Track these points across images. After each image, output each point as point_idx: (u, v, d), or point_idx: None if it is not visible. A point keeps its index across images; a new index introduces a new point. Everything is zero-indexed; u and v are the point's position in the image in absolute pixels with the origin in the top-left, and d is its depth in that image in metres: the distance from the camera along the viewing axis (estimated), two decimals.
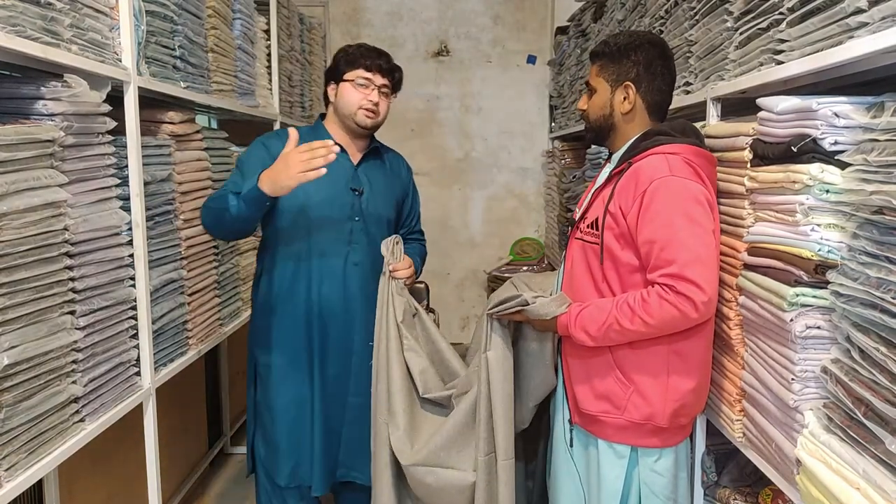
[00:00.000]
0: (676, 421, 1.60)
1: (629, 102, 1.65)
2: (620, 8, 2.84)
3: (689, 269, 1.45)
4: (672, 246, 1.47)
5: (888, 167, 1.05)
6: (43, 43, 1.36)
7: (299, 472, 2.09)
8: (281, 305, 2.06)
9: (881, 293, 1.04)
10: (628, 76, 1.64)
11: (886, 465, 1.03)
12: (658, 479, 1.63)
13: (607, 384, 1.61)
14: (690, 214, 1.48)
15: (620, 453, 1.63)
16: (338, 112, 2.08)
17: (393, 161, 2.23)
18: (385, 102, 2.08)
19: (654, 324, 1.49)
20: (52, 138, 1.37)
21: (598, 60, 1.70)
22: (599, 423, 1.63)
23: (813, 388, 1.29)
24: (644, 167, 1.54)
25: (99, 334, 1.57)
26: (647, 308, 1.48)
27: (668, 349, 1.56)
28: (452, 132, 4.84)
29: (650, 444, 1.62)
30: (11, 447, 1.29)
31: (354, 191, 2.06)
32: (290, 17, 3.61)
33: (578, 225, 1.71)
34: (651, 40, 1.67)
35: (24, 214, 1.30)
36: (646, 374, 1.57)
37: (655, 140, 1.58)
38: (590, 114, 1.73)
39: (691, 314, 1.46)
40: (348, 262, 2.04)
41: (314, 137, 1.92)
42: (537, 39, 4.81)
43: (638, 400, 1.58)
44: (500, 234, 4.88)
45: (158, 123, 2.00)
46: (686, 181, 1.50)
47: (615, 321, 1.52)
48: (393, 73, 2.08)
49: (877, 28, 1.09)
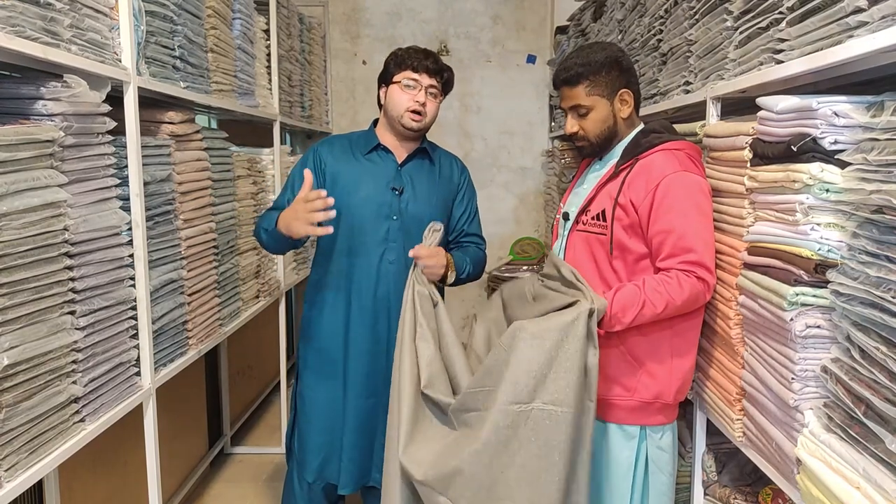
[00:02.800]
0: (678, 397, 1.74)
1: (628, 107, 1.76)
2: (620, 7, 2.84)
3: (704, 256, 1.60)
4: (689, 236, 1.60)
5: (888, 166, 1.05)
6: (42, 43, 1.35)
7: (327, 469, 2.10)
8: (320, 300, 2.11)
9: (881, 292, 1.04)
10: (621, 84, 1.74)
11: (886, 464, 1.03)
12: (662, 455, 1.75)
13: (618, 368, 1.70)
14: (701, 207, 1.63)
15: (630, 434, 1.73)
16: (387, 115, 2.09)
17: (444, 162, 2.19)
18: (433, 103, 2.07)
19: (680, 305, 1.60)
20: (51, 138, 1.37)
21: (584, 81, 1.73)
22: (611, 406, 1.72)
23: (813, 388, 1.29)
24: (655, 163, 1.66)
25: (99, 334, 1.57)
26: (674, 291, 1.59)
27: (671, 331, 1.68)
28: (452, 132, 4.83)
29: (657, 422, 1.73)
30: (11, 447, 1.29)
31: (395, 190, 2.06)
32: (290, 17, 3.61)
33: (580, 217, 1.78)
34: (617, 48, 1.79)
35: (23, 215, 1.30)
36: (653, 355, 1.69)
37: (655, 138, 1.71)
38: (589, 132, 1.77)
39: (706, 296, 1.63)
40: (384, 261, 2.05)
41: (365, 141, 2.11)
42: (537, 39, 4.81)
43: (647, 380, 1.69)
44: (500, 233, 4.88)
45: (158, 123, 2.00)
46: (694, 176, 1.64)
47: (649, 305, 1.59)
48: (441, 73, 2.07)
49: (876, 27, 1.09)
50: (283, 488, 2.26)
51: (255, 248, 2.82)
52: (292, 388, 2.25)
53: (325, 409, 2.10)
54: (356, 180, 2.06)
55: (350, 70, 4.81)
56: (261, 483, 3.17)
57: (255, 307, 2.82)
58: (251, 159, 2.88)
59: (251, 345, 3.91)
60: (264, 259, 2.97)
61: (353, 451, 2.09)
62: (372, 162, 2.10)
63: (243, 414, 3.83)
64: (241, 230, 2.62)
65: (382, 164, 2.09)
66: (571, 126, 1.79)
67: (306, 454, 2.12)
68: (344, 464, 2.09)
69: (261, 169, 2.98)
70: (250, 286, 2.77)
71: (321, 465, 2.11)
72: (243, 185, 2.70)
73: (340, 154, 2.11)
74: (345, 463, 2.09)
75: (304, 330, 2.18)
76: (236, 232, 2.57)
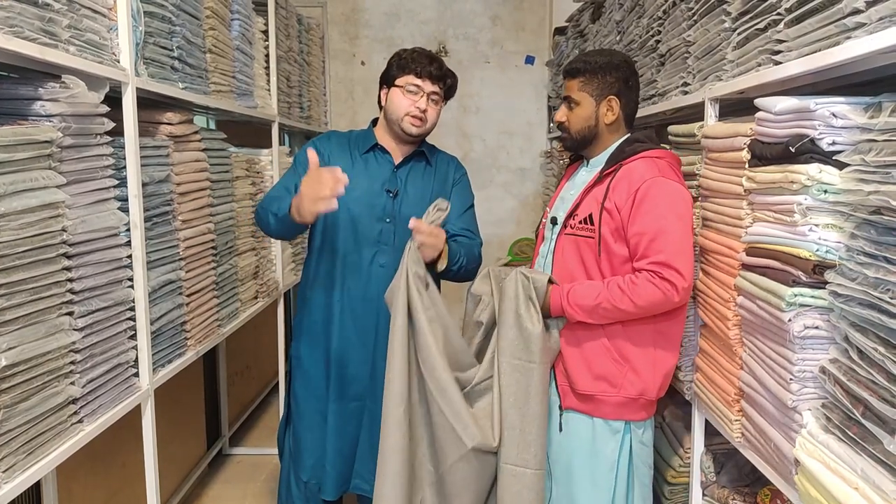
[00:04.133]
0: (660, 393, 1.81)
1: (613, 114, 1.84)
2: (618, 9, 2.84)
3: (674, 258, 1.66)
4: (660, 238, 1.67)
5: (886, 167, 1.05)
6: (41, 44, 1.35)
7: (318, 468, 2.09)
8: (311, 299, 2.11)
9: (879, 293, 1.04)
10: (612, 91, 1.83)
11: (885, 464, 1.03)
12: (643, 450, 1.85)
13: (604, 365, 1.78)
14: (677, 211, 1.69)
15: (615, 429, 1.81)
16: (387, 117, 2.07)
17: (441, 164, 2.17)
18: (434, 110, 2.05)
19: (642, 304, 1.68)
20: (49, 139, 1.37)
21: (580, 76, 1.85)
22: (597, 402, 1.80)
23: (811, 388, 1.30)
24: (636, 168, 1.75)
25: (97, 335, 1.56)
26: (636, 290, 1.68)
27: (653, 329, 1.76)
28: (451, 133, 4.83)
29: (640, 418, 1.82)
30: (9, 448, 1.28)
31: (389, 192, 2.04)
32: (289, 18, 3.60)
33: (568, 221, 1.84)
34: (626, 59, 1.88)
35: (22, 215, 1.30)
36: (638, 352, 1.77)
37: (638, 146, 1.80)
38: (572, 125, 1.88)
39: (674, 297, 1.67)
40: (374, 263, 2.03)
41: (363, 141, 2.10)
42: (535, 40, 4.81)
43: (632, 376, 1.77)
44: (499, 234, 4.88)
45: (156, 124, 2.00)
46: (672, 182, 1.72)
47: (606, 300, 1.70)
48: (444, 79, 2.05)
49: (874, 28, 1.09)
50: (279, 488, 2.24)
51: (254, 248, 2.82)
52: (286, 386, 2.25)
53: (314, 410, 2.09)
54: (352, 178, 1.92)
55: (349, 71, 4.81)
56: (259, 484, 3.16)
57: (254, 308, 2.81)
58: (250, 160, 2.88)
59: (249, 346, 3.91)
60: (263, 260, 2.97)
61: (336, 455, 2.07)
62: (368, 162, 2.08)
63: (242, 415, 3.83)
64: (239, 231, 2.62)
65: (378, 165, 2.07)
66: (561, 115, 1.90)
67: (301, 452, 2.12)
68: (327, 468, 2.07)
69: (259, 170, 2.98)
70: (249, 287, 2.76)
71: (315, 464, 2.10)
72: (242, 185, 2.70)
73: (338, 150, 2.09)
74: (328, 468, 2.07)
75: (296, 328, 2.18)
76: (235, 233, 2.57)
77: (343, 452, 2.07)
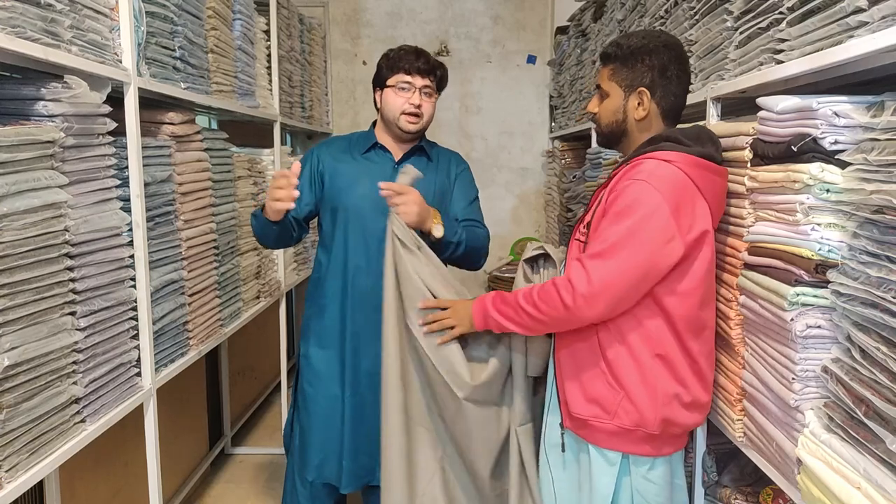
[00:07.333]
0: (668, 430, 1.54)
1: (644, 109, 1.58)
2: (620, 8, 2.83)
3: (592, 261, 1.45)
4: (598, 240, 1.48)
5: (888, 166, 1.05)
6: (43, 44, 1.36)
7: (326, 467, 2.10)
8: (319, 297, 2.13)
9: (882, 292, 1.04)
10: (642, 82, 1.56)
11: (887, 464, 1.03)
12: (651, 487, 1.58)
13: (598, 388, 1.55)
14: (634, 227, 1.44)
15: (611, 460, 1.57)
16: (384, 118, 2.12)
17: (441, 158, 2.20)
18: (429, 103, 2.09)
19: (544, 314, 1.50)
20: (52, 139, 1.37)
21: (610, 63, 1.61)
22: (590, 427, 1.58)
23: (813, 388, 1.29)
24: (630, 169, 1.51)
25: (99, 335, 1.57)
26: (541, 296, 1.50)
27: (652, 354, 1.52)
28: (452, 132, 4.83)
29: (641, 452, 1.56)
30: (12, 448, 1.29)
31: None
32: (290, 18, 3.61)
33: (577, 226, 1.70)
34: (666, 42, 1.58)
35: (24, 215, 1.30)
36: (635, 379, 1.52)
37: (659, 146, 1.52)
38: (601, 118, 1.65)
39: (566, 299, 1.45)
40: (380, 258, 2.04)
41: (364, 141, 2.15)
42: (537, 39, 4.81)
43: (628, 406, 1.52)
44: (501, 234, 4.88)
45: (158, 124, 2.00)
46: (654, 193, 1.43)
47: (518, 302, 1.55)
48: (434, 71, 2.08)
49: (877, 27, 1.09)
50: (284, 487, 2.26)
51: (256, 248, 2.83)
52: (293, 385, 2.25)
53: (326, 407, 2.10)
54: (354, 178, 2.09)
55: (350, 71, 4.81)
56: (261, 484, 3.17)
57: (256, 308, 2.82)
58: (251, 160, 2.88)
59: (252, 345, 3.91)
60: (265, 260, 2.97)
61: (355, 449, 2.09)
62: (369, 160, 2.13)
63: (244, 414, 3.83)
64: (241, 231, 2.63)
65: (380, 162, 2.12)
66: (592, 105, 1.68)
67: (307, 451, 2.13)
68: (346, 463, 2.09)
69: (261, 169, 2.98)
70: (251, 287, 2.77)
71: (321, 462, 2.11)
72: (244, 185, 2.70)
73: (339, 153, 2.15)
74: (346, 462, 2.09)
75: (305, 327, 2.19)
76: (237, 232, 2.57)
77: (362, 445, 2.08)
